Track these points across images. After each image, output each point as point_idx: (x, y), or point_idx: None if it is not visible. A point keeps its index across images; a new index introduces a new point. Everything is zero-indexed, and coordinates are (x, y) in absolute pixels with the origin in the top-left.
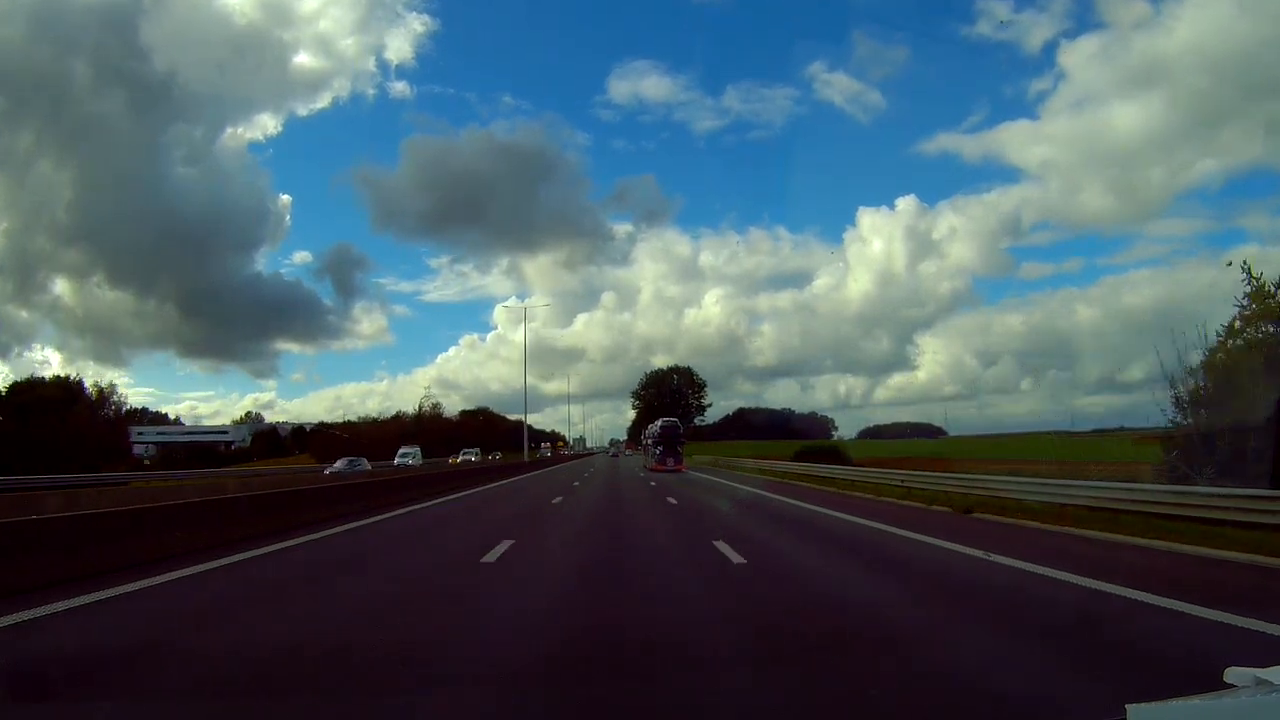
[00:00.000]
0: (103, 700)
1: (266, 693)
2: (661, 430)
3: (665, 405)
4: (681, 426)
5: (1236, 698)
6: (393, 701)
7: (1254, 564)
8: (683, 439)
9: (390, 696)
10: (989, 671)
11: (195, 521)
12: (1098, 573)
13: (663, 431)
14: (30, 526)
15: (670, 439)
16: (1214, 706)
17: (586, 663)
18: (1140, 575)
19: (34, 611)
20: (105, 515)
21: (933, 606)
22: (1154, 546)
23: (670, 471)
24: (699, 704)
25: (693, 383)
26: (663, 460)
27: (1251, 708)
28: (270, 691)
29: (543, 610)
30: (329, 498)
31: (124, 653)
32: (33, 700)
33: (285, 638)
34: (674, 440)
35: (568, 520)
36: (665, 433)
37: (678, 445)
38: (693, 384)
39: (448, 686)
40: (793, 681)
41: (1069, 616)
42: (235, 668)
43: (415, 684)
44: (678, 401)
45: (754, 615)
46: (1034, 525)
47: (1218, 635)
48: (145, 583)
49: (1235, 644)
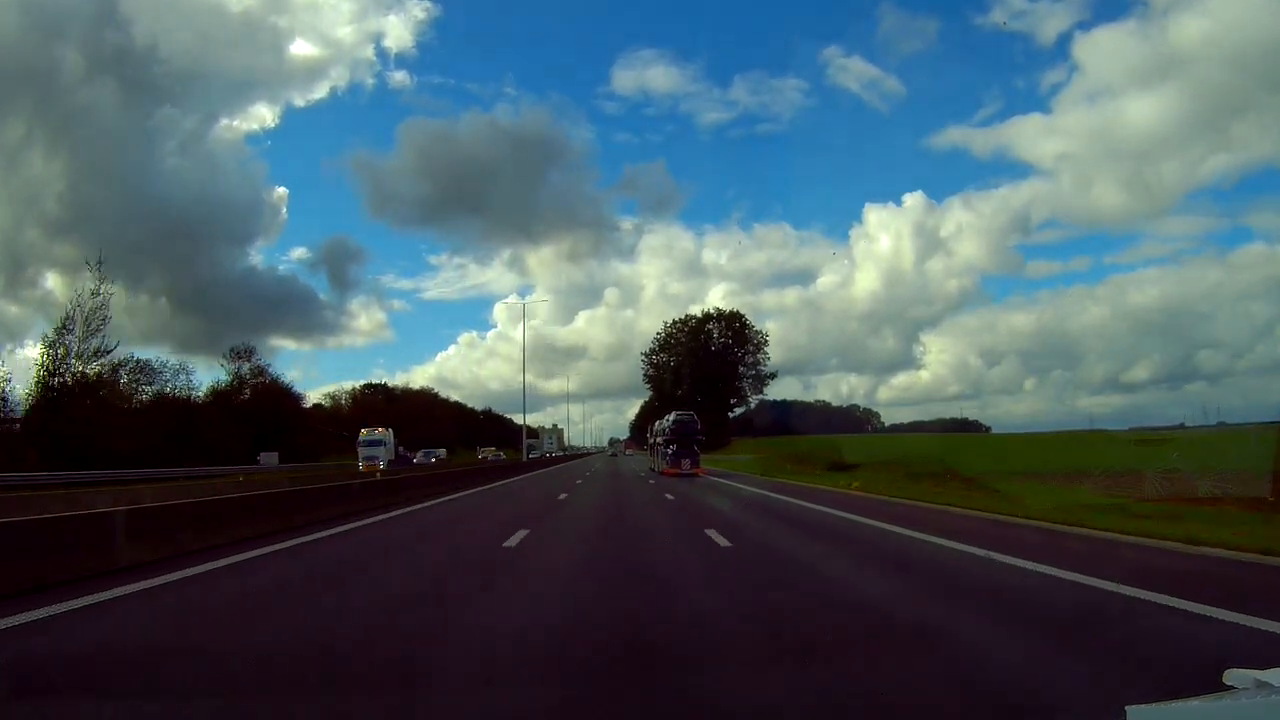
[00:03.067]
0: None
1: (386, 609)
2: (675, 426)
3: (704, 379)
4: (699, 422)
5: (1236, 699)
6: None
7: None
8: (700, 436)
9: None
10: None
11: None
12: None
13: (676, 427)
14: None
15: (686, 436)
16: (1213, 708)
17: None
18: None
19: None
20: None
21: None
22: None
23: (686, 475)
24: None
25: (743, 338)
26: (676, 462)
27: (1251, 710)
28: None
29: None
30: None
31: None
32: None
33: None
34: (690, 438)
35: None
36: (680, 429)
37: (694, 443)
38: (743, 339)
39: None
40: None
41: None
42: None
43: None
44: (721, 372)
45: None
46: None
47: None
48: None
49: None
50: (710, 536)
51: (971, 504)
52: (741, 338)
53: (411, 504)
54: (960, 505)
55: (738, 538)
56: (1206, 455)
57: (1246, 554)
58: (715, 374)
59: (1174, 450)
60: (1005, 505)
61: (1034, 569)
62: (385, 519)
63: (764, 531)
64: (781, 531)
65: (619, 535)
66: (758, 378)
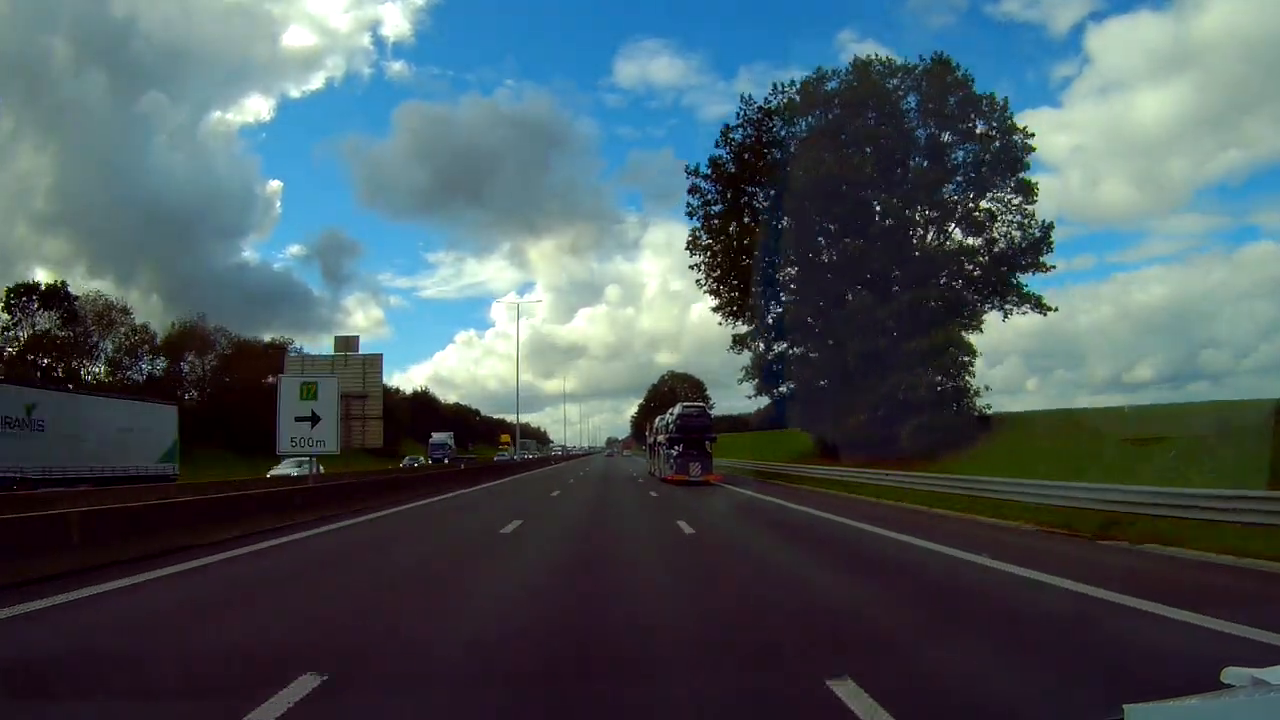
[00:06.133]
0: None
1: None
2: (681, 422)
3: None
4: (711, 416)
5: (1234, 698)
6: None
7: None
8: (712, 434)
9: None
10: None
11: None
12: None
13: (683, 423)
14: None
15: (694, 434)
16: (1211, 707)
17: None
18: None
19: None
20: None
21: None
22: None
23: (696, 483)
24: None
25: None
26: (683, 466)
27: (1249, 708)
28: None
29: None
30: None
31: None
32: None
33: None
34: (700, 436)
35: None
36: (687, 425)
37: (706, 443)
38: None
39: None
40: None
41: None
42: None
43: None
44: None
45: None
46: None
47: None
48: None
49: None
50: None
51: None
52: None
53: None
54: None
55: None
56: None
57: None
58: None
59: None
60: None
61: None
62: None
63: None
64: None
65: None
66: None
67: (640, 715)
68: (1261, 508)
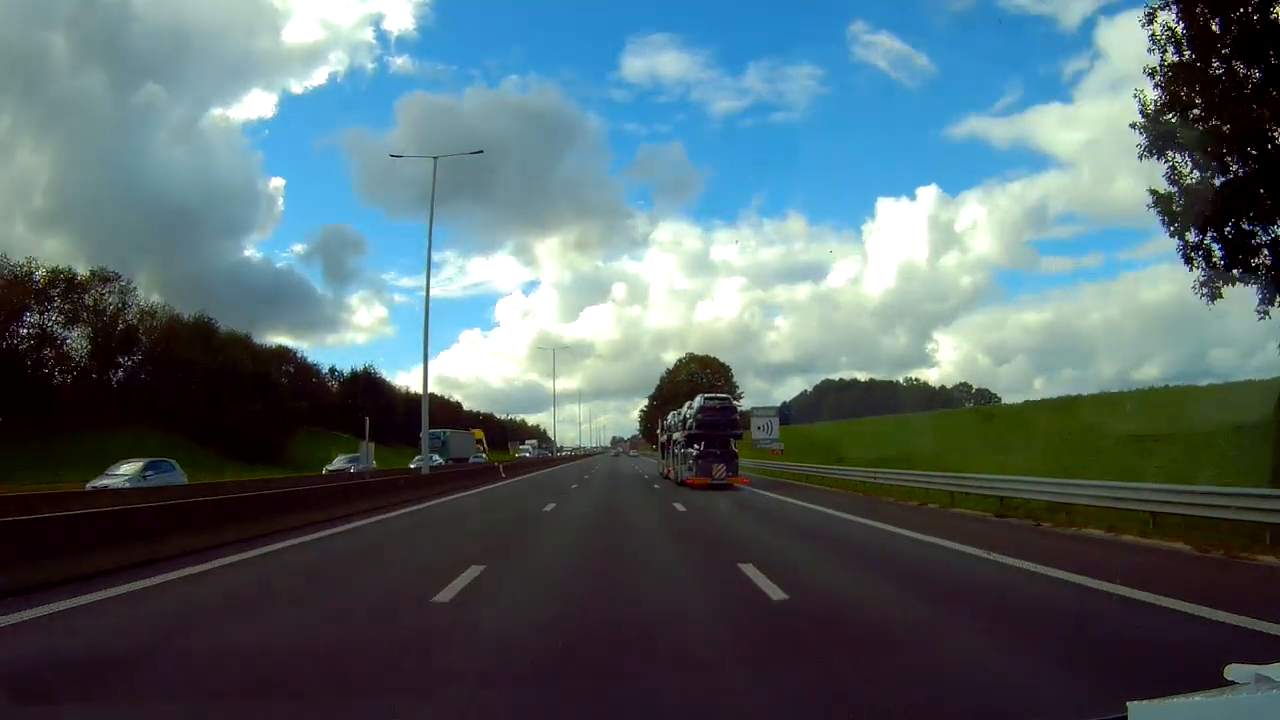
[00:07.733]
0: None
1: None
2: (703, 416)
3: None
4: (737, 410)
5: (1237, 694)
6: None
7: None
8: (739, 429)
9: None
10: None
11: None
12: None
13: (704, 418)
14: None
15: (720, 429)
16: (1214, 703)
17: None
18: None
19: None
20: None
21: None
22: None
23: (719, 486)
24: None
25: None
26: (705, 467)
27: (1252, 704)
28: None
29: None
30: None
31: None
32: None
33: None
34: (726, 432)
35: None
36: (710, 420)
37: (731, 440)
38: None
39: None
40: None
41: None
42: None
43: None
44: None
45: None
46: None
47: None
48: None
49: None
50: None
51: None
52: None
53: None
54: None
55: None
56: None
57: None
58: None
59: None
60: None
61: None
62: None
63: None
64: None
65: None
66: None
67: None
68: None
